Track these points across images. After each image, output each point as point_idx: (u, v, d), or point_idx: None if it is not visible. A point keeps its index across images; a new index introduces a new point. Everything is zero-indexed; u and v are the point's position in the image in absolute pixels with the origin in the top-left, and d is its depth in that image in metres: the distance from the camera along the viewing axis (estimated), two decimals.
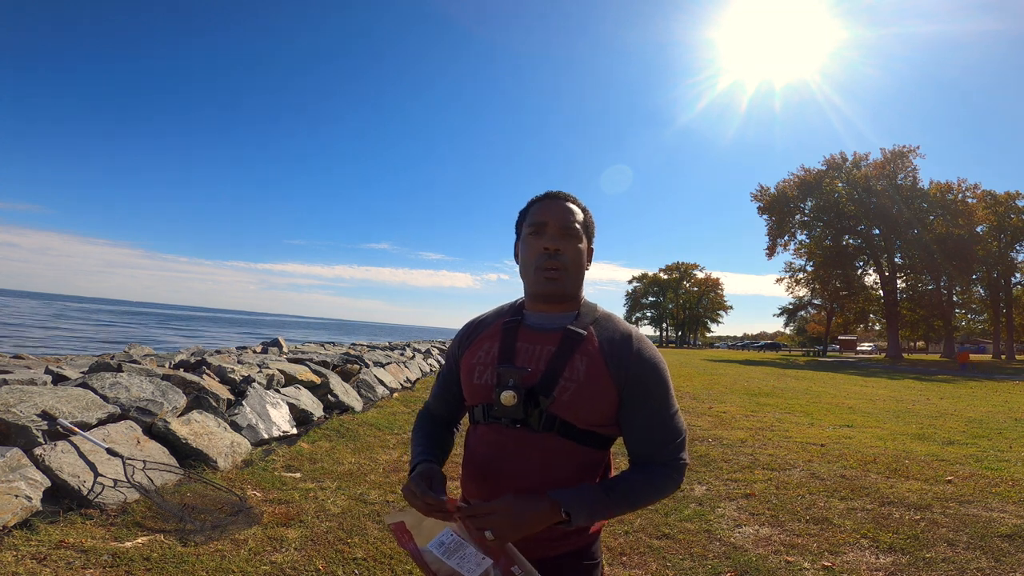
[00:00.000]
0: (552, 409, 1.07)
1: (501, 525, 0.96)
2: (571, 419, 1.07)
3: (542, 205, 1.18)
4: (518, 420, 1.08)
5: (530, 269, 1.15)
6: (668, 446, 1.10)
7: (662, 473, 1.09)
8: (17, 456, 3.03)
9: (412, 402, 8.35)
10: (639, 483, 1.08)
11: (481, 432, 1.17)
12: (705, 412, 8.85)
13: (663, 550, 3.17)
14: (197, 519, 3.13)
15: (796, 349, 67.20)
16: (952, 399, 12.52)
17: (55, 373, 4.74)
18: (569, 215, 1.16)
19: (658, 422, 1.10)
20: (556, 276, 1.13)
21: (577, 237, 1.16)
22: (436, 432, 1.30)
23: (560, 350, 1.10)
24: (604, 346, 1.10)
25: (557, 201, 1.18)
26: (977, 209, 39.41)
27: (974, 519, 3.74)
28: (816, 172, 44.14)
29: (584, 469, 1.11)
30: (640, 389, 1.09)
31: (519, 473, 1.09)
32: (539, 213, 1.17)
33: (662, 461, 1.10)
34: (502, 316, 1.24)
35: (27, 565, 2.46)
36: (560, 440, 1.08)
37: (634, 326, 1.17)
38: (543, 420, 1.07)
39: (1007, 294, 44.21)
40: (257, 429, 5.00)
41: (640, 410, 1.10)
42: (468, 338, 1.26)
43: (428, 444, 1.25)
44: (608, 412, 1.10)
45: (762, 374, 19.65)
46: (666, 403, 1.11)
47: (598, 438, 1.12)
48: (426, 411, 1.38)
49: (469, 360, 1.20)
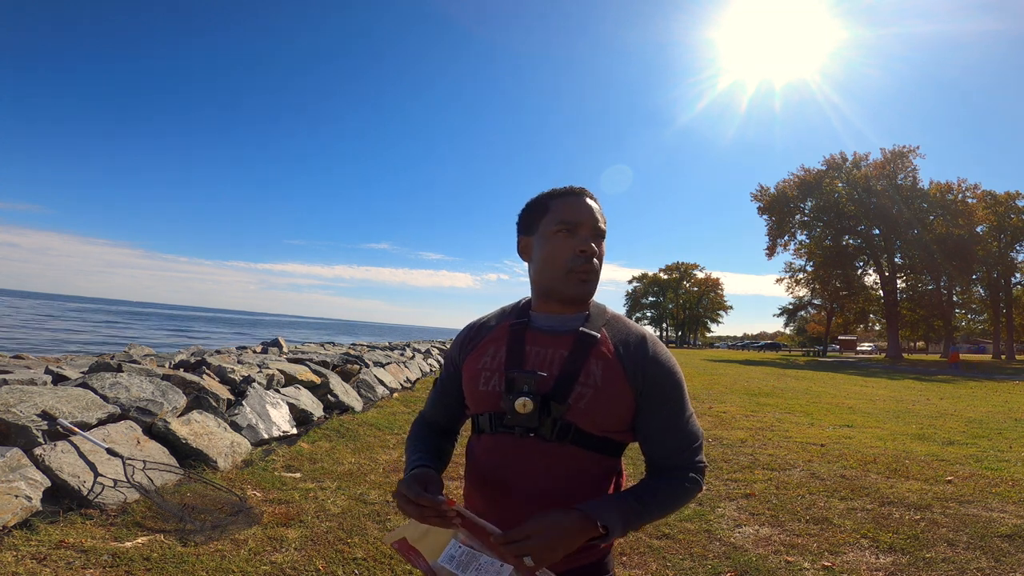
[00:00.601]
0: (568, 416, 1.01)
1: (540, 549, 0.88)
2: (587, 426, 1.02)
3: (573, 202, 1.10)
4: (531, 429, 1.02)
5: (559, 270, 1.08)
6: (686, 451, 1.07)
7: (684, 478, 1.06)
8: (17, 456, 3.03)
9: (412, 402, 8.35)
10: (665, 490, 1.04)
11: (486, 442, 1.10)
12: (705, 412, 8.85)
13: (663, 550, 3.17)
14: (197, 519, 3.13)
15: (796, 349, 67.19)
16: (952, 399, 12.52)
17: (55, 373, 4.74)
18: (600, 216, 1.12)
19: (676, 426, 1.06)
20: (589, 278, 1.09)
21: (604, 239, 1.13)
22: (432, 440, 1.23)
23: (573, 353, 1.04)
24: (619, 348, 1.05)
25: (587, 199, 1.11)
26: (977, 209, 39.43)
27: (974, 519, 3.74)
28: (816, 172, 44.15)
29: (600, 478, 1.06)
30: (657, 393, 1.05)
31: (531, 486, 1.03)
32: (571, 211, 1.09)
33: (682, 466, 1.06)
34: (506, 318, 1.17)
35: (27, 565, 2.46)
36: (574, 449, 1.02)
37: (647, 328, 1.13)
38: (557, 428, 1.01)
39: (1007, 294, 44.22)
40: (257, 429, 5.00)
41: (657, 415, 1.06)
42: (470, 342, 1.18)
43: (424, 451, 1.17)
44: (625, 417, 1.06)
45: (762, 374, 19.65)
46: (682, 407, 1.07)
47: (612, 445, 1.07)
48: (422, 419, 1.29)
49: (473, 365, 1.13)
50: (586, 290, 1.09)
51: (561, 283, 1.08)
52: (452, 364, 1.22)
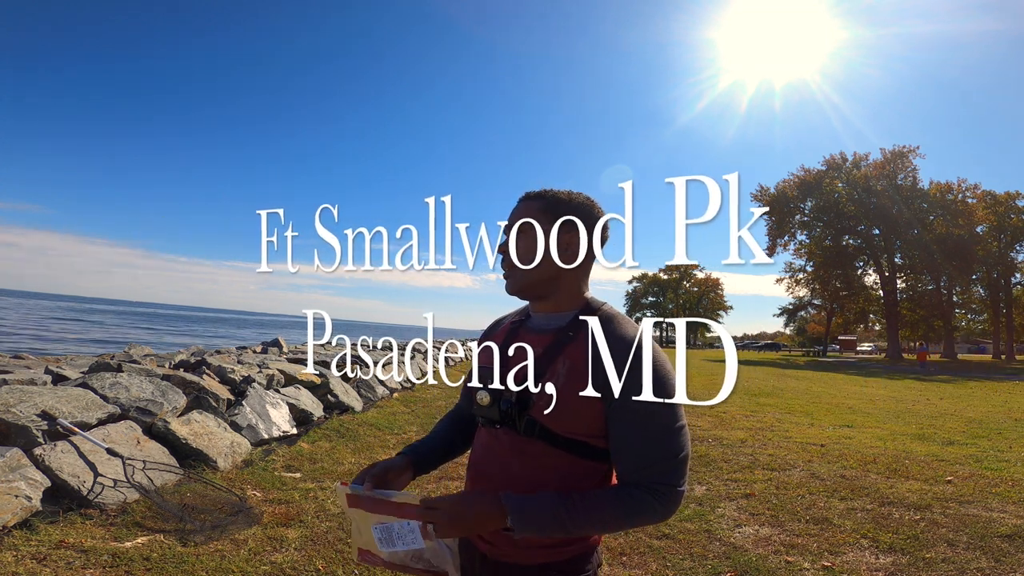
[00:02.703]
0: (532, 413, 1.02)
1: (443, 522, 0.96)
2: (552, 425, 1.01)
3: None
4: (496, 421, 1.06)
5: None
6: (652, 467, 0.97)
7: (641, 497, 0.96)
8: (17, 456, 3.03)
9: (412, 402, 8.35)
10: (610, 503, 0.97)
11: (480, 433, 1.18)
12: (705, 412, 8.85)
13: (663, 550, 3.16)
14: (197, 519, 3.13)
15: (796, 349, 67.18)
16: (952, 399, 12.52)
17: (55, 373, 4.74)
18: (517, 214, 1.11)
19: (642, 438, 0.97)
20: (508, 276, 1.12)
21: (526, 235, 1.08)
22: (449, 427, 1.31)
23: (545, 352, 1.04)
24: (593, 349, 0.99)
25: (521, 202, 1.13)
26: (977, 209, 39.43)
27: (974, 519, 3.74)
28: (816, 172, 44.14)
29: (577, 480, 1.03)
30: (625, 399, 0.96)
31: (505, 476, 1.07)
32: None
33: (645, 484, 0.97)
34: (516, 315, 1.24)
35: (27, 565, 2.46)
36: (544, 447, 1.03)
37: (642, 327, 1.03)
38: (524, 423, 1.03)
39: (1007, 294, 44.20)
40: (257, 429, 5.00)
41: (622, 423, 0.98)
42: (485, 338, 1.27)
43: (425, 440, 1.27)
44: (593, 423, 1.01)
45: (762, 374, 19.65)
46: (658, 416, 0.97)
47: (589, 448, 1.03)
48: (454, 408, 1.39)
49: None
50: (509, 287, 1.13)
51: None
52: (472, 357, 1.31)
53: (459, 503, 0.97)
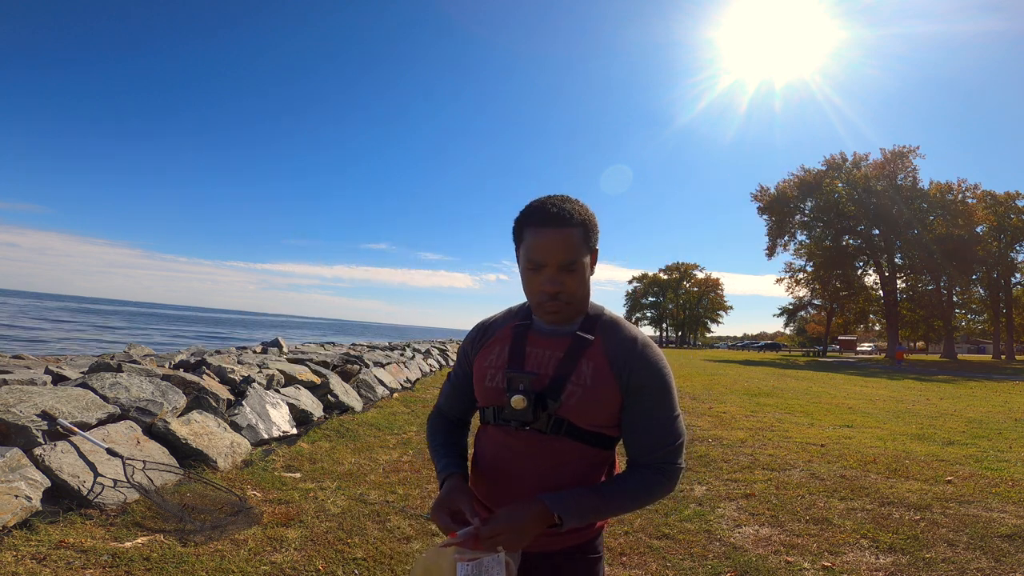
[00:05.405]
0: (560, 412, 1.11)
1: (509, 539, 1.00)
2: (578, 421, 1.12)
3: (540, 239, 1.09)
4: (527, 423, 1.13)
5: (532, 302, 1.17)
6: (661, 449, 1.13)
7: (654, 476, 1.12)
8: (17, 456, 3.03)
9: (412, 402, 8.35)
10: (631, 485, 1.12)
11: (491, 433, 1.21)
12: (705, 412, 8.85)
13: (663, 550, 3.17)
14: (197, 519, 3.13)
15: (796, 349, 67.18)
16: (952, 399, 12.52)
17: (55, 373, 4.74)
18: (567, 250, 1.08)
19: (654, 425, 1.13)
20: (559, 311, 1.14)
21: (579, 267, 1.11)
22: (454, 435, 1.33)
23: (567, 355, 1.14)
24: (609, 351, 1.14)
25: (554, 231, 1.08)
26: (977, 209, 39.43)
27: (974, 519, 3.74)
28: (816, 172, 44.15)
29: (591, 468, 1.16)
30: (639, 391, 1.12)
31: (528, 474, 1.14)
32: (537, 251, 1.09)
33: (654, 464, 1.13)
34: (512, 319, 1.26)
35: (27, 565, 2.46)
36: (568, 442, 1.13)
37: (641, 331, 1.20)
38: (551, 423, 1.11)
39: (1007, 294, 44.22)
40: (257, 429, 5.00)
41: (637, 412, 1.13)
42: (480, 340, 1.28)
43: (451, 450, 1.27)
44: (613, 414, 1.14)
45: (762, 374, 19.65)
46: (664, 407, 1.13)
47: (604, 439, 1.16)
48: (440, 413, 1.40)
49: (481, 363, 1.23)
50: (557, 320, 1.17)
51: (536, 312, 1.19)
52: (465, 360, 1.32)
53: (513, 517, 1.02)
